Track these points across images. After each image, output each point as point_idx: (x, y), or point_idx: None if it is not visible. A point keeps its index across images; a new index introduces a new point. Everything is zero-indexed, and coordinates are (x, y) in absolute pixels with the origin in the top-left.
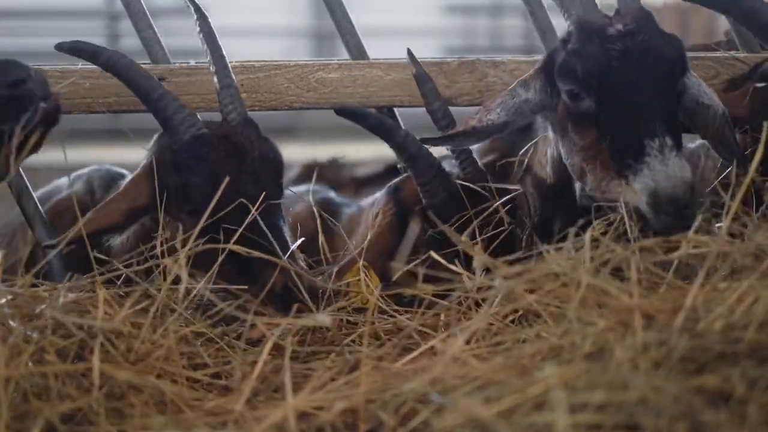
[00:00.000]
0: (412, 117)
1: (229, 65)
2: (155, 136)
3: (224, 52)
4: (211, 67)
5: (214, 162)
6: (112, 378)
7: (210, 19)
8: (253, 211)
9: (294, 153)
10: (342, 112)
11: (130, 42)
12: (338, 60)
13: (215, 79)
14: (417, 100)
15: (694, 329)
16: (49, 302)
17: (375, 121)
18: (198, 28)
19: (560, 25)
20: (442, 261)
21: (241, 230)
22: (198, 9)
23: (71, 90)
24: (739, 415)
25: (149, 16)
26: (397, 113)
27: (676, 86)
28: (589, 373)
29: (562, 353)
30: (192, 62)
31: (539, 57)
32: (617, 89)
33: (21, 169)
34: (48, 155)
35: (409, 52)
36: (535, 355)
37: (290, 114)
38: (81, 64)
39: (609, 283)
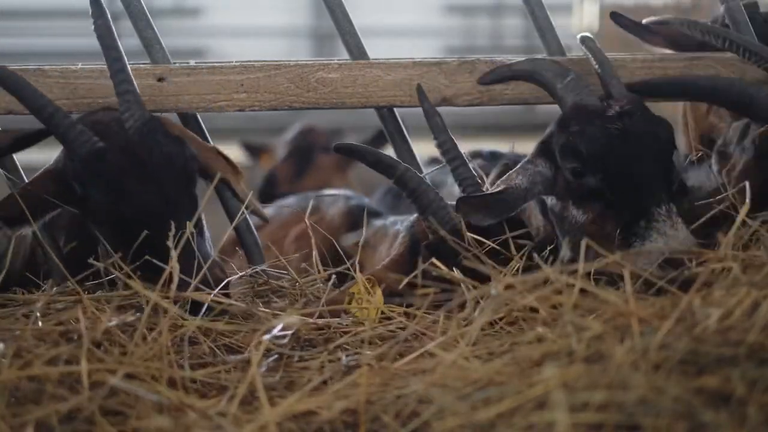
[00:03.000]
0: (412, 117)
1: (126, 64)
2: None
3: (123, 55)
4: (108, 71)
5: (112, 177)
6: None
7: (110, 20)
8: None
9: None
10: (341, 149)
11: (130, 42)
12: (338, 60)
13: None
14: (417, 100)
15: (692, 332)
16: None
17: (373, 158)
18: (95, 30)
19: (560, 24)
20: (443, 267)
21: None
22: (98, 5)
23: (71, 90)
24: (739, 416)
25: (149, 16)
26: (397, 113)
27: (671, 160)
28: (589, 373)
29: (561, 356)
30: (192, 62)
31: (539, 57)
32: (621, 165)
33: (21, 169)
34: (48, 155)
35: (419, 88)
36: (535, 357)
37: (290, 114)
38: (81, 64)
39: (603, 290)
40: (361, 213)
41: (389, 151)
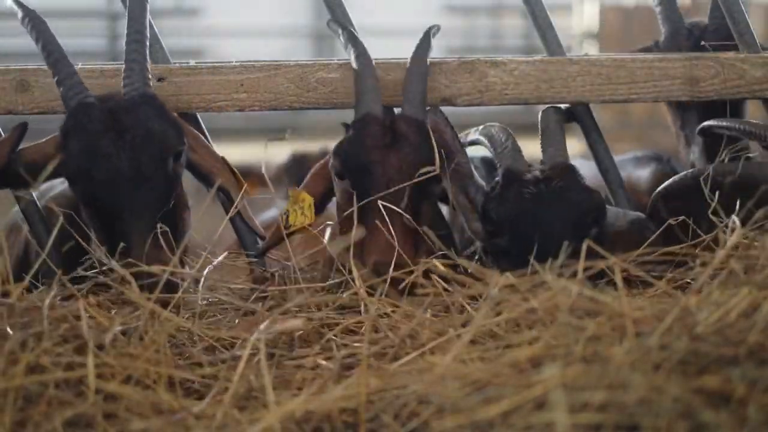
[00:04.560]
0: None
1: (146, 43)
2: None
3: (145, 29)
4: (126, 39)
5: (90, 133)
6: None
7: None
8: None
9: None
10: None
11: None
12: (338, 60)
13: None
14: None
15: (692, 332)
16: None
17: (349, 33)
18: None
19: (560, 25)
20: (444, 269)
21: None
22: None
23: None
24: (739, 416)
25: (149, 16)
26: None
27: (585, 227)
28: (589, 373)
29: (560, 356)
30: (192, 62)
31: (539, 57)
32: (526, 227)
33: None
34: None
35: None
36: (534, 357)
37: (290, 114)
38: (81, 64)
39: (599, 291)
40: None
41: None
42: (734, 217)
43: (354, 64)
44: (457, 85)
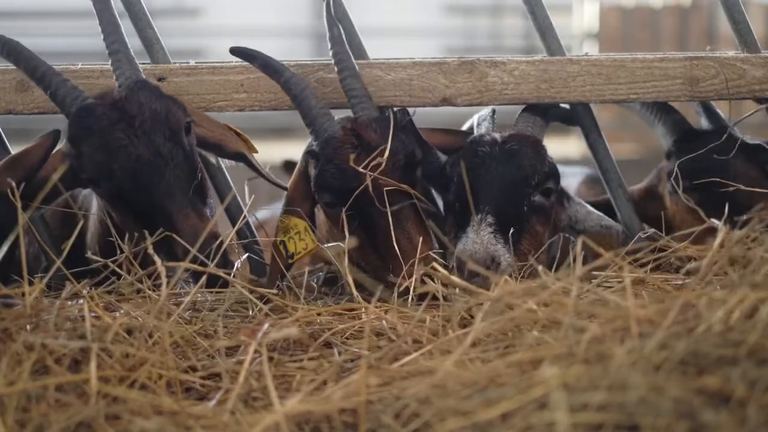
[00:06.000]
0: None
1: (122, 32)
2: None
3: (116, 18)
4: (101, 35)
5: (102, 131)
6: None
7: None
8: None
9: (295, 153)
10: (235, 51)
11: (130, 42)
12: None
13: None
14: (417, 100)
15: (692, 332)
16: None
17: (262, 61)
18: None
19: (560, 24)
20: (447, 273)
21: None
22: None
23: None
24: (739, 416)
25: (149, 16)
26: None
27: (528, 186)
28: (589, 373)
29: (561, 357)
30: (192, 62)
31: (539, 57)
32: (474, 178)
33: None
34: None
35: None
36: (535, 359)
37: (290, 114)
38: (81, 64)
39: (602, 292)
40: None
41: None
42: (719, 222)
43: (287, 92)
44: (457, 85)
